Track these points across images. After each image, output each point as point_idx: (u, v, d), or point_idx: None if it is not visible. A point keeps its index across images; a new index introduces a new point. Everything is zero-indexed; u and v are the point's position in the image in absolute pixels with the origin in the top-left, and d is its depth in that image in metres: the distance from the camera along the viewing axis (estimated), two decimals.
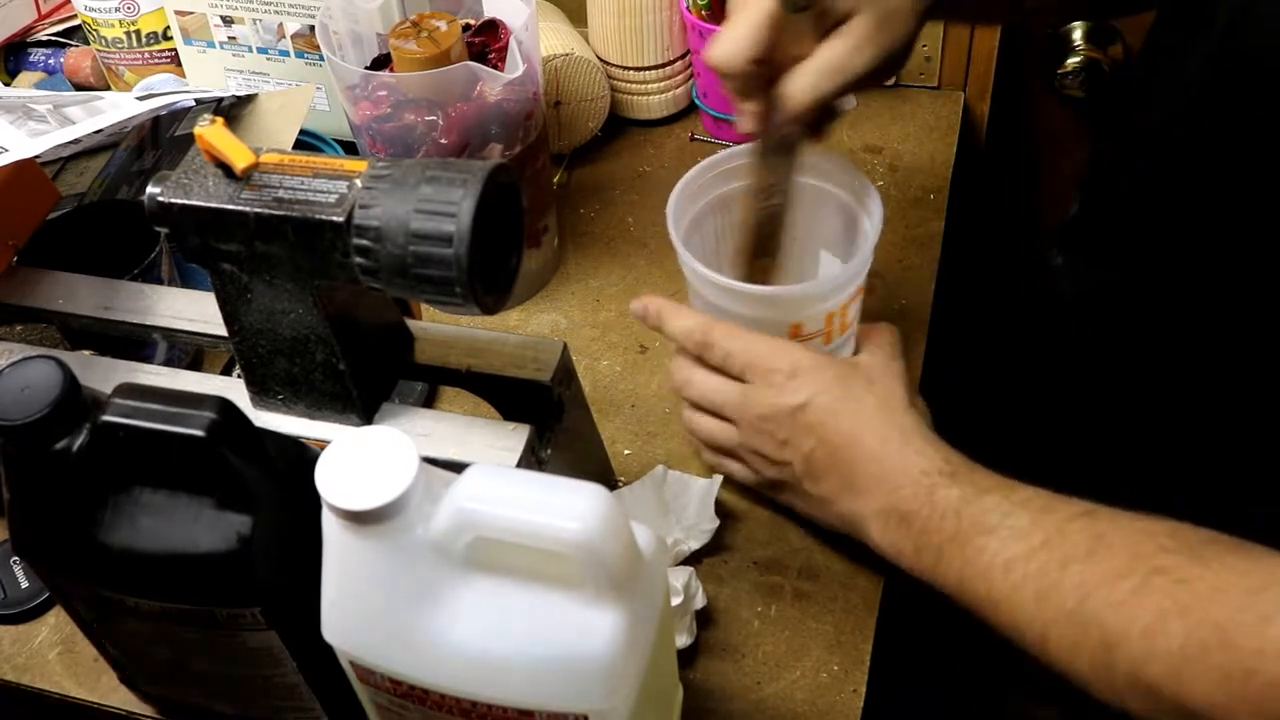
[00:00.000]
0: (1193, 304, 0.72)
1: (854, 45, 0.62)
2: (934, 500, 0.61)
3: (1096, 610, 0.54)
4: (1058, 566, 0.56)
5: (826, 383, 0.66)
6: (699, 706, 0.65)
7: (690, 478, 0.72)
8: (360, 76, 0.79)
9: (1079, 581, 0.55)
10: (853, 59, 0.62)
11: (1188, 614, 0.51)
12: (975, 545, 0.59)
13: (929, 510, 0.61)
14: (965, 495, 0.61)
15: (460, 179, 0.52)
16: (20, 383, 0.52)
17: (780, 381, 0.67)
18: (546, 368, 0.62)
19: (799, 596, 0.70)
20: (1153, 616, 0.52)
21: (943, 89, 1.01)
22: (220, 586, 0.55)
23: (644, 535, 0.51)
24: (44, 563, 0.58)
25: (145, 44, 1.00)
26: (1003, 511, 0.59)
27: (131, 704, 0.68)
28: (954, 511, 0.60)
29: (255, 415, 0.61)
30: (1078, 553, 0.56)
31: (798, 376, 0.67)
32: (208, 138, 0.54)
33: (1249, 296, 0.69)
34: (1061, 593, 0.55)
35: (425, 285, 0.52)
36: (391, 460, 0.47)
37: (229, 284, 0.57)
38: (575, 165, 0.99)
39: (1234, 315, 0.70)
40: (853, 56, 0.62)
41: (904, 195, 0.93)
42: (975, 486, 0.61)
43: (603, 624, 0.48)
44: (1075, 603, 0.55)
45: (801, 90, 0.63)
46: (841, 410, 0.66)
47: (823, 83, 0.63)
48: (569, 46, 0.95)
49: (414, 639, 0.50)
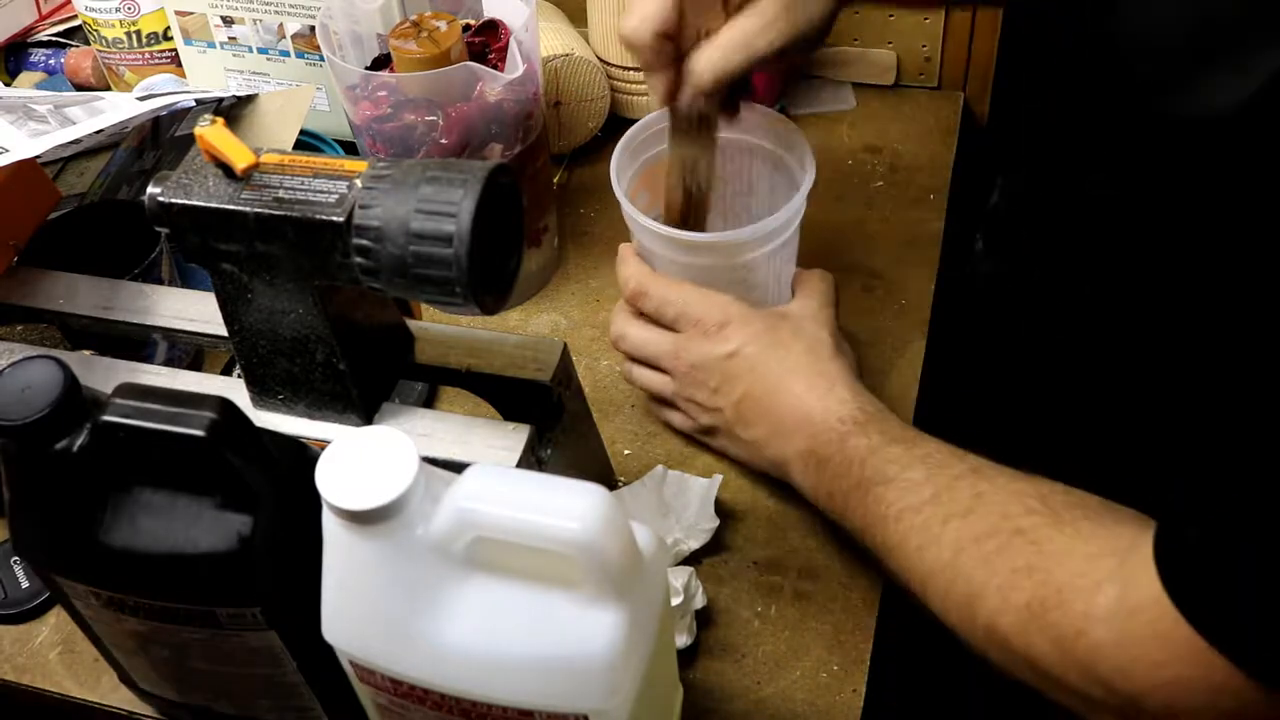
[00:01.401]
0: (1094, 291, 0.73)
1: (762, 23, 0.63)
2: (845, 447, 0.64)
3: (965, 565, 0.57)
4: (939, 522, 0.59)
5: (755, 332, 0.69)
6: (699, 706, 0.65)
7: (690, 478, 0.72)
8: (360, 76, 0.79)
9: (955, 537, 0.58)
10: (760, 36, 0.64)
11: (1033, 573, 0.54)
12: (875, 494, 0.62)
13: (840, 456, 0.65)
14: (873, 445, 0.64)
15: (460, 179, 0.52)
16: (21, 382, 0.52)
17: (711, 331, 0.70)
18: (546, 368, 0.62)
19: (799, 596, 0.70)
20: (1008, 573, 0.55)
21: (943, 89, 1.01)
22: (220, 586, 0.55)
23: (644, 535, 0.51)
24: (44, 562, 0.58)
25: (146, 44, 1.00)
26: (902, 464, 0.62)
27: (131, 704, 0.68)
28: (860, 460, 0.64)
29: (255, 415, 0.61)
30: (958, 509, 0.59)
31: (727, 326, 0.70)
32: (208, 138, 0.54)
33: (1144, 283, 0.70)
34: (940, 547, 0.58)
35: (425, 285, 0.52)
36: (391, 460, 0.47)
37: (229, 284, 0.57)
38: (575, 165, 0.99)
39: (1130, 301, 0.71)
40: (760, 34, 0.64)
41: (904, 195, 0.93)
42: (884, 436, 0.64)
43: (603, 624, 0.48)
44: (950, 555, 0.58)
45: (706, 66, 0.65)
46: (769, 358, 0.69)
47: (728, 59, 0.64)
48: (569, 46, 0.95)
49: (414, 639, 0.50)
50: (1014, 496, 0.58)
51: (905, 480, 0.62)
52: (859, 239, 0.89)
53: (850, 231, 0.90)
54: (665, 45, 0.65)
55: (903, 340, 0.82)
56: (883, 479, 0.62)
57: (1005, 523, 0.57)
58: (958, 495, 0.59)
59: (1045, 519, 0.56)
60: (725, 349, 0.69)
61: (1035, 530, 0.56)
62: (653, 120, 0.76)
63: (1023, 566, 0.55)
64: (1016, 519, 0.57)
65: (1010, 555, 0.56)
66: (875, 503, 0.62)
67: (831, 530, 0.72)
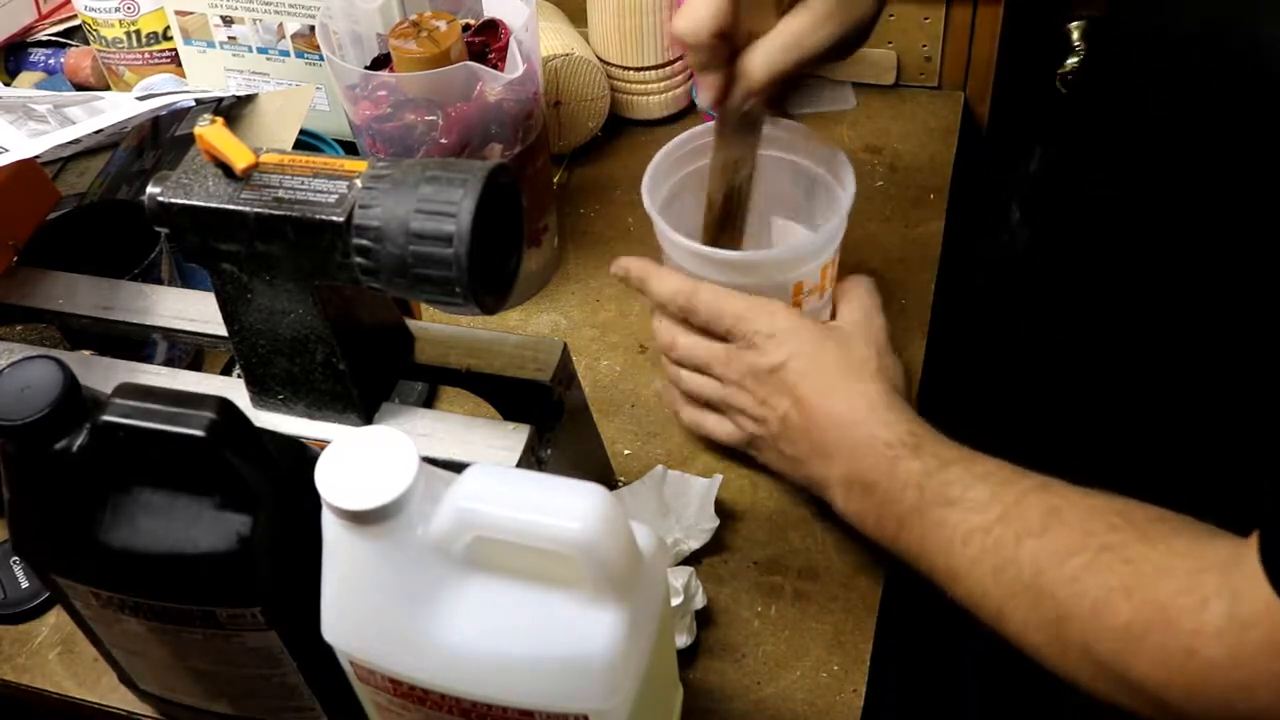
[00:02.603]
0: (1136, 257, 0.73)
1: (813, 21, 0.63)
2: (896, 472, 0.63)
3: (1049, 585, 0.55)
4: (1013, 541, 0.57)
5: (801, 345, 0.68)
6: (699, 706, 0.65)
7: (690, 478, 0.72)
8: (360, 76, 0.79)
9: (1033, 557, 0.56)
10: (811, 35, 0.63)
11: (1132, 593, 0.52)
12: (935, 517, 0.60)
13: (890, 481, 0.63)
14: (927, 468, 0.62)
15: (460, 179, 0.51)
16: (20, 382, 0.52)
17: (760, 342, 0.69)
18: (546, 368, 0.62)
19: (799, 596, 0.70)
20: (1101, 593, 0.53)
21: (943, 89, 1.01)
22: (220, 587, 0.55)
23: (644, 535, 0.51)
24: (44, 562, 0.58)
25: (145, 44, 1.00)
26: (963, 484, 0.60)
27: (131, 704, 0.68)
28: (915, 484, 0.62)
29: (255, 415, 0.61)
30: (1032, 527, 0.57)
31: (775, 337, 0.69)
32: (208, 138, 0.54)
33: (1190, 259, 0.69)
34: (1017, 567, 0.56)
35: (425, 285, 0.52)
36: (391, 460, 0.47)
37: (229, 284, 0.57)
38: (575, 165, 0.99)
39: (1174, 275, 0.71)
40: (812, 32, 0.63)
41: (904, 195, 0.93)
42: (938, 459, 0.62)
43: (603, 624, 0.48)
44: (1030, 576, 0.56)
45: (760, 65, 0.64)
46: (814, 374, 0.68)
47: (781, 58, 0.64)
48: (569, 46, 0.95)
49: (414, 639, 0.50)
50: (1092, 513, 0.56)
51: (969, 500, 0.59)
52: (859, 239, 0.89)
53: (850, 231, 0.90)
54: (720, 45, 0.65)
55: (903, 340, 0.82)
56: (943, 501, 0.60)
57: (1089, 540, 0.55)
58: (1028, 512, 0.57)
59: (1132, 535, 0.54)
60: (773, 360, 0.68)
61: (1125, 547, 0.54)
62: (684, 140, 0.76)
63: (1118, 586, 0.53)
64: (1101, 535, 0.55)
65: (1101, 574, 0.53)
66: (936, 526, 0.60)
67: (831, 530, 0.72)
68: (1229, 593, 0.49)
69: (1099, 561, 0.54)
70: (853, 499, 0.65)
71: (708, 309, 0.71)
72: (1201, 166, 0.66)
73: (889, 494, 0.63)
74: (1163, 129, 0.66)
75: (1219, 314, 0.70)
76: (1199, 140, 0.66)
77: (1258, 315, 0.69)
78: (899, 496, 0.62)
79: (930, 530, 0.61)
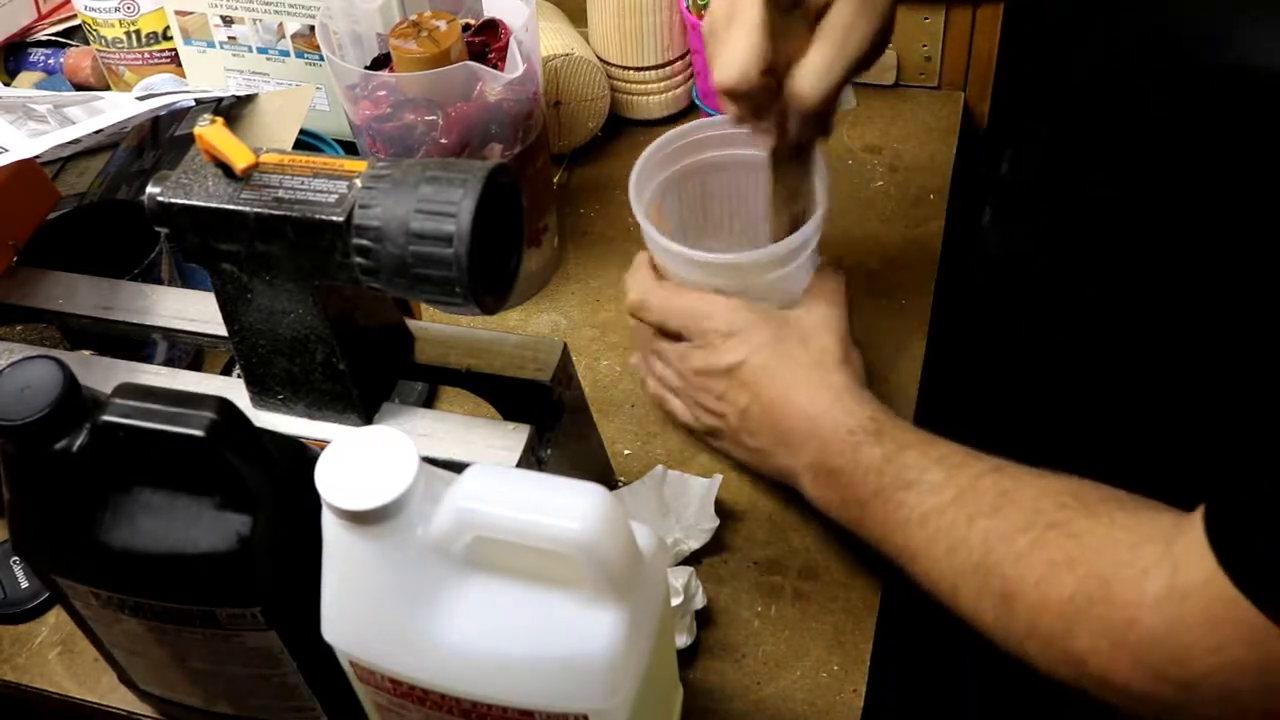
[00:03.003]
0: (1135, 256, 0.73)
1: (845, 29, 0.63)
2: (858, 457, 0.64)
3: (998, 563, 0.56)
4: (966, 521, 0.58)
5: (761, 342, 0.69)
6: (699, 706, 0.65)
7: (690, 478, 0.72)
8: (360, 76, 0.79)
9: (984, 536, 0.57)
10: (849, 42, 0.63)
11: (1076, 566, 0.53)
12: (895, 500, 0.62)
13: (854, 466, 0.64)
14: (887, 453, 0.63)
15: (460, 179, 0.52)
16: (20, 382, 0.52)
17: (717, 341, 0.70)
18: (546, 368, 0.62)
19: (799, 596, 0.70)
20: (1045, 568, 0.54)
21: (943, 89, 1.01)
22: (220, 586, 0.55)
23: (644, 535, 0.51)
24: (44, 563, 0.58)
25: (145, 44, 1.00)
26: (920, 468, 0.62)
27: (131, 704, 0.68)
28: (876, 469, 0.63)
29: (255, 415, 0.61)
30: (984, 508, 0.58)
31: (734, 336, 0.69)
32: (208, 138, 0.54)
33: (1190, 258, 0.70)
34: (969, 546, 0.58)
35: (425, 285, 0.52)
36: (391, 460, 0.47)
37: (229, 284, 0.57)
38: (575, 165, 0.99)
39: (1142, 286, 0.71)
40: (848, 39, 0.63)
41: (904, 195, 0.93)
42: (897, 443, 0.64)
43: (603, 624, 0.48)
44: (980, 555, 0.57)
45: (813, 86, 0.63)
46: (775, 369, 0.68)
47: (830, 72, 0.63)
48: (569, 46, 0.95)
49: (414, 639, 0.50)
50: (1042, 492, 0.57)
51: (925, 483, 0.61)
52: (859, 238, 0.89)
53: (850, 231, 0.90)
54: (768, 83, 0.63)
55: (903, 340, 0.82)
56: (902, 484, 0.62)
57: (1037, 518, 0.56)
58: (982, 494, 0.59)
59: (1079, 512, 0.55)
60: (731, 359, 0.69)
61: (1071, 523, 0.55)
62: (671, 138, 0.75)
63: (1062, 560, 0.54)
64: (1049, 514, 0.56)
65: (1047, 550, 0.54)
66: (896, 508, 0.62)
67: (831, 530, 0.72)
68: (1170, 563, 0.50)
69: (1045, 538, 0.55)
70: (819, 485, 0.67)
71: (659, 309, 0.72)
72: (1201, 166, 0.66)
73: (853, 478, 0.64)
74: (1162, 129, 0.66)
75: (1215, 310, 0.71)
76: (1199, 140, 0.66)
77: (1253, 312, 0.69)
78: (861, 481, 0.64)
79: (890, 512, 0.62)
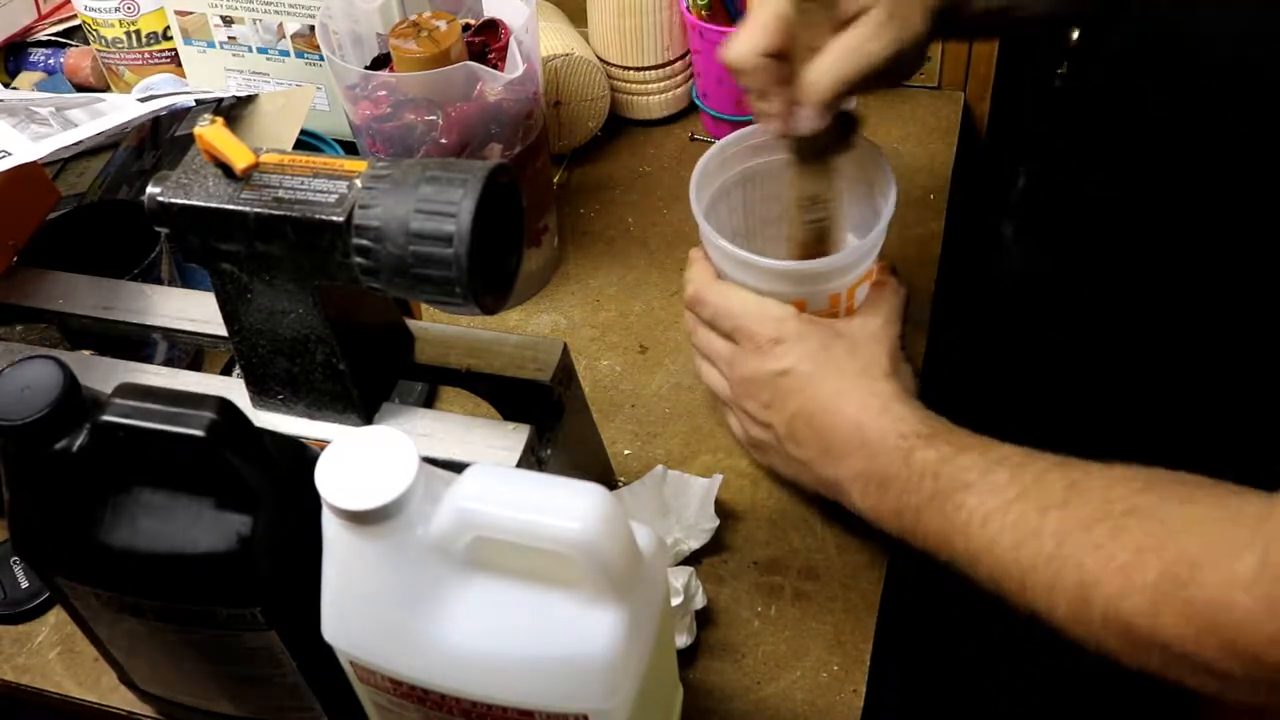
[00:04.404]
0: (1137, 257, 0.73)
1: (871, 32, 0.62)
2: (911, 463, 0.62)
3: (1074, 552, 0.55)
4: (1036, 514, 0.57)
5: (809, 350, 0.68)
6: (699, 706, 0.65)
7: (690, 478, 0.72)
8: (360, 76, 0.79)
9: (1056, 528, 0.56)
10: (870, 43, 0.62)
11: (1163, 549, 0.52)
12: (954, 502, 0.60)
13: (906, 473, 0.62)
14: (943, 455, 0.62)
15: (460, 179, 0.52)
16: (20, 382, 0.52)
17: (765, 347, 0.68)
18: (546, 368, 0.62)
19: (799, 596, 0.70)
20: (1129, 554, 0.53)
21: (943, 89, 1.01)
22: (220, 586, 0.55)
23: (644, 535, 0.51)
24: (44, 562, 0.58)
25: (145, 44, 1.00)
26: (980, 469, 0.60)
27: (131, 704, 0.68)
28: (932, 473, 0.61)
29: (255, 415, 0.61)
30: (1054, 500, 0.57)
31: (782, 343, 0.68)
32: (208, 138, 0.54)
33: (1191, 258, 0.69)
34: (1040, 539, 0.56)
35: (425, 285, 0.52)
36: (391, 460, 0.47)
37: (229, 284, 0.57)
38: (575, 165, 0.99)
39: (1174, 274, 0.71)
40: (870, 41, 0.62)
41: (904, 195, 0.92)
42: (953, 445, 0.62)
43: (603, 624, 0.48)
44: (1053, 547, 0.56)
45: (822, 74, 0.63)
46: (823, 378, 0.67)
47: (843, 66, 0.63)
48: (569, 46, 0.95)
49: (414, 639, 0.50)
50: (1115, 480, 0.56)
51: (987, 484, 0.59)
52: None
53: None
54: (773, 65, 0.64)
55: (902, 340, 0.82)
56: (961, 486, 0.60)
57: (1114, 506, 0.54)
58: (1049, 487, 0.57)
59: (1159, 496, 0.54)
60: (778, 366, 0.68)
61: (1152, 509, 0.53)
62: (734, 140, 0.74)
63: (1147, 545, 0.52)
64: (1126, 500, 0.54)
65: (1127, 536, 0.53)
66: (955, 510, 0.60)
67: (831, 530, 0.72)
68: (1261, 544, 0.49)
69: (1124, 525, 0.54)
70: (869, 495, 0.65)
71: (714, 306, 0.70)
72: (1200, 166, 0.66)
73: (906, 485, 0.62)
74: (1161, 129, 0.66)
75: (1219, 313, 0.70)
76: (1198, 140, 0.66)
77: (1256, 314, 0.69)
78: (916, 487, 0.62)
79: (949, 515, 0.60)
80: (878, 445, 0.64)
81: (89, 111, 0.78)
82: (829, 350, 0.68)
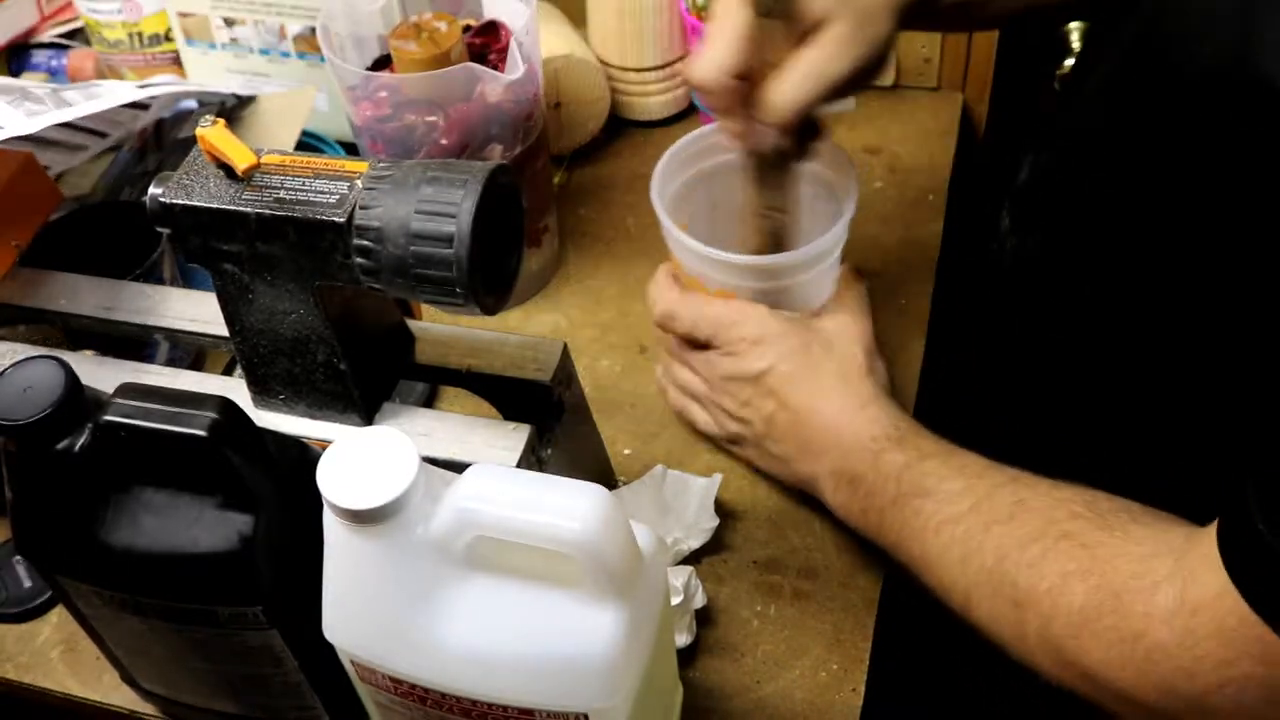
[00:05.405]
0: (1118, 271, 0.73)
1: (832, 50, 0.62)
2: (879, 465, 0.64)
3: (1010, 571, 0.56)
4: (981, 529, 0.58)
5: (788, 350, 0.69)
6: (699, 706, 0.66)
7: (690, 477, 0.72)
8: (361, 77, 0.79)
9: (997, 544, 0.57)
10: (831, 63, 0.62)
11: (1088, 576, 0.53)
12: (912, 508, 0.62)
13: (875, 474, 0.64)
14: (908, 460, 0.63)
15: (460, 180, 0.52)
16: (23, 383, 0.52)
17: (744, 348, 0.69)
18: (546, 368, 0.62)
19: (799, 596, 0.70)
20: (1057, 577, 0.54)
21: (942, 89, 1.01)
22: (221, 586, 0.55)
23: (644, 535, 0.51)
24: (46, 562, 0.58)
25: (147, 45, 1.01)
26: (939, 476, 0.62)
27: (133, 703, 0.69)
28: (895, 476, 0.63)
29: (257, 415, 0.62)
30: (1000, 516, 0.58)
31: (761, 344, 0.69)
32: (209, 139, 0.54)
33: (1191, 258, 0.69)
34: (983, 554, 0.57)
35: (426, 285, 0.52)
36: (392, 460, 0.48)
37: (230, 284, 0.57)
38: (575, 166, 0.99)
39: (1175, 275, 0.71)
40: (831, 61, 0.62)
41: (903, 196, 0.93)
42: (919, 451, 0.64)
43: (603, 624, 0.48)
44: (993, 562, 0.57)
45: (782, 96, 0.63)
46: (801, 377, 0.68)
47: (804, 88, 0.62)
48: (569, 48, 0.95)
49: (414, 638, 0.50)
50: (1057, 502, 0.57)
51: (943, 492, 0.61)
52: (858, 239, 0.89)
53: (850, 232, 0.90)
54: (738, 86, 0.63)
55: (903, 340, 0.82)
56: (920, 492, 0.61)
57: (1051, 527, 0.56)
58: (998, 503, 0.58)
59: (1092, 523, 0.55)
60: (758, 366, 0.69)
61: (1083, 534, 0.54)
62: (691, 140, 0.75)
63: (1074, 570, 0.53)
64: (1062, 523, 0.55)
65: (1059, 559, 0.54)
66: (913, 515, 0.61)
67: (831, 530, 0.72)
68: (1181, 577, 0.50)
69: (1058, 548, 0.55)
70: (840, 492, 0.67)
71: (688, 320, 0.72)
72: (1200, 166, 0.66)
73: (873, 486, 0.64)
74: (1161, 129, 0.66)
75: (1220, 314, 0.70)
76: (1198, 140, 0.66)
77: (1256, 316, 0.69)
78: (881, 488, 0.64)
79: (908, 520, 0.62)
80: (851, 444, 0.66)
81: (84, 94, 0.78)
82: (808, 350, 0.69)
